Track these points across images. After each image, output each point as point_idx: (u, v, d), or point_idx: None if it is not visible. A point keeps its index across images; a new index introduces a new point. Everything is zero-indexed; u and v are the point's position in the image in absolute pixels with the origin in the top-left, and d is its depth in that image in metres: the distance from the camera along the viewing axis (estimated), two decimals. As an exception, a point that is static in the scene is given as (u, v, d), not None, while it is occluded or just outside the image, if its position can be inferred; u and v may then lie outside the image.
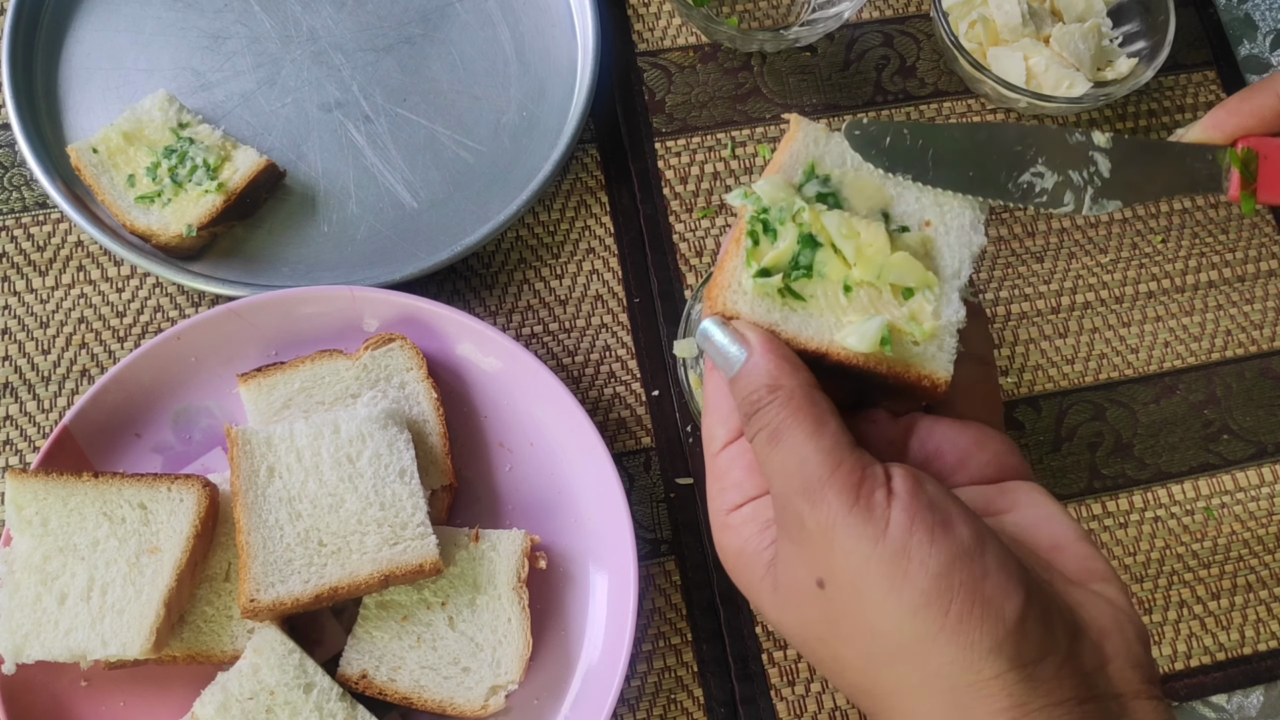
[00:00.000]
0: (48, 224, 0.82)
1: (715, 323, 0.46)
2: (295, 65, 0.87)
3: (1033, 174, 0.49)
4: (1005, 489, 0.47)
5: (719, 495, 0.47)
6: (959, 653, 0.38)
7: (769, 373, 0.43)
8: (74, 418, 0.70)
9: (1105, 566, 0.44)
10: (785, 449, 0.42)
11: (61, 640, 0.63)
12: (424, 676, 0.66)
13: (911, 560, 0.39)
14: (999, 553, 0.40)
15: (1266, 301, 0.86)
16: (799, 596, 0.42)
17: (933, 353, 0.47)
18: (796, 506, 0.41)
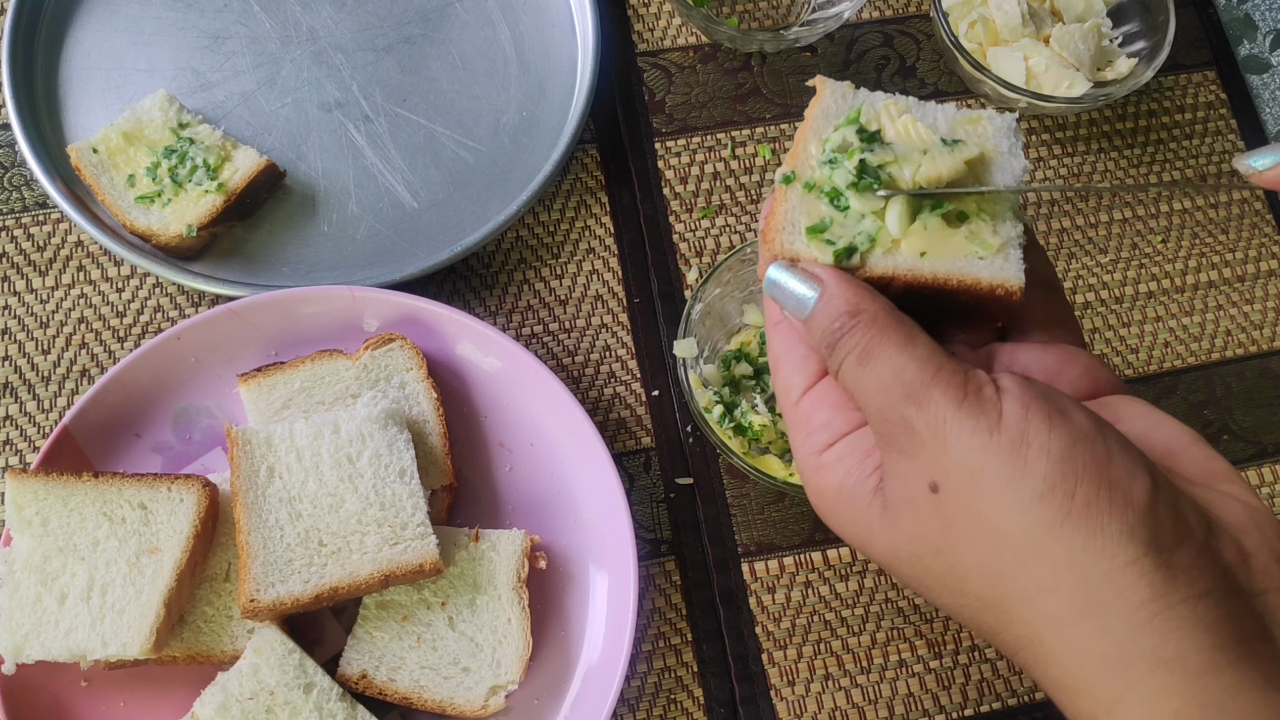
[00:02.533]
0: (48, 224, 0.82)
1: (782, 266, 0.45)
2: (295, 65, 0.87)
3: None
4: (1104, 403, 0.44)
5: (807, 440, 0.45)
6: (1089, 539, 0.36)
7: (847, 299, 0.42)
8: (74, 418, 0.70)
9: (1227, 467, 0.41)
10: (879, 364, 0.40)
11: (61, 640, 0.63)
12: (424, 676, 0.66)
13: (1030, 446, 0.37)
14: (1119, 438, 0.38)
15: (1266, 302, 0.86)
16: (912, 507, 0.40)
17: (1000, 264, 0.47)
18: (902, 413, 0.39)
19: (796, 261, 0.46)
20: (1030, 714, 0.74)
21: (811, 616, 0.75)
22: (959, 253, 0.47)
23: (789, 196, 0.48)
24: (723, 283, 0.76)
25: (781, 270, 0.45)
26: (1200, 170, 0.90)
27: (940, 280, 0.46)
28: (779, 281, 0.44)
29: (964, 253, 0.47)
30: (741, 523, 0.77)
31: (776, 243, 0.47)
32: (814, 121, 0.50)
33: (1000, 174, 0.49)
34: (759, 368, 0.78)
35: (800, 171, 0.49)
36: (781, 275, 0.44)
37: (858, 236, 0.46)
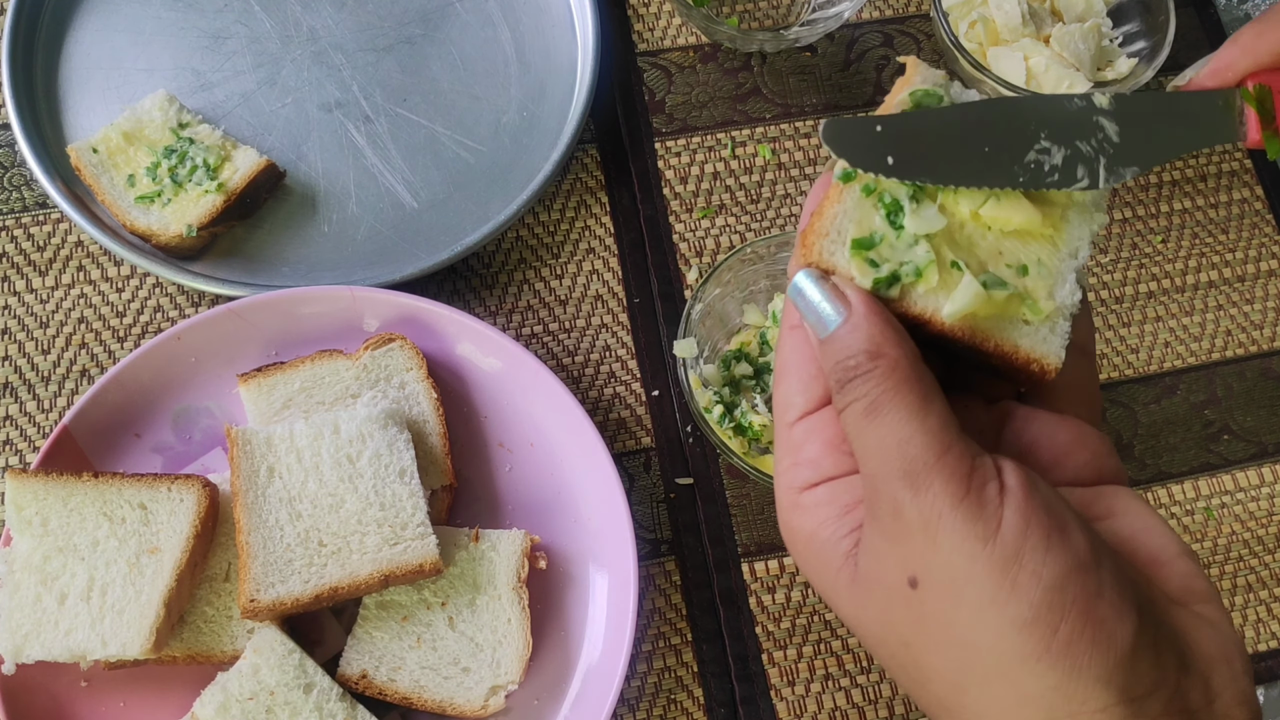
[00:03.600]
0: (48, 224, 0.82)
1: (811, 276, 0.41)
2: (295, 65, 0.87)
3: (1038, 151, 0.44)
4: (1101, 493, 0.42)
5: (791, 470, 0.42)
6: (1063, 679, 0.34)
7: (871, 338, 0.39)
8: (74, 418, 0.70)
9: (1208, 586, 0.40)
10: (885, 425, 0.37)
11: (61, 640, 0.63)
12: (424, 676, 0.66)
13: (1023, 568, 0.35)
14: (1114, 568, 0.36)
15: (1267, 301, 0.86)
16: (885, 595, 0.38)
17: (1044, 335, 0.43)
18: (894, 492, 0.37)
19: (830, 273, 0.42)
20: (1030, 714, 0.73)
21: (811, 616, 0.75)
22: (1005, 312, 0.43)
23: (843, 198, 0.43)
24: (723, 283, 0.76)
25: (810, 280, 0.41)
26: (1200, 170, 0.90)
27: (977, 340, 0.42)
28: (805, 291, 0.41)
29: (1011, 313, 0.43)
30: (741, 523, 0.77)
31: (815, 249, 0.42)
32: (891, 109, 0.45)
33: (1075, 221, 0.44)
34: (759, 368, 0.78)
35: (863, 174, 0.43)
36: (809, 285, 0.41)
37: (904, 267, 0.42)
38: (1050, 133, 0.44)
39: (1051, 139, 0.44)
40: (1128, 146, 0.44)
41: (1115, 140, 0.45)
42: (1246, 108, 0.46)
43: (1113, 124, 0.45)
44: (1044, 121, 0.44)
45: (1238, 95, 0.46)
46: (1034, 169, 0.44)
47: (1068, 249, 0.44)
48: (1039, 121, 0.44)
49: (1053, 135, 0.44)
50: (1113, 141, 0.45)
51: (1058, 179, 0.44)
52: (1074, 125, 0.44)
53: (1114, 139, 0.45)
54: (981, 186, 0.43)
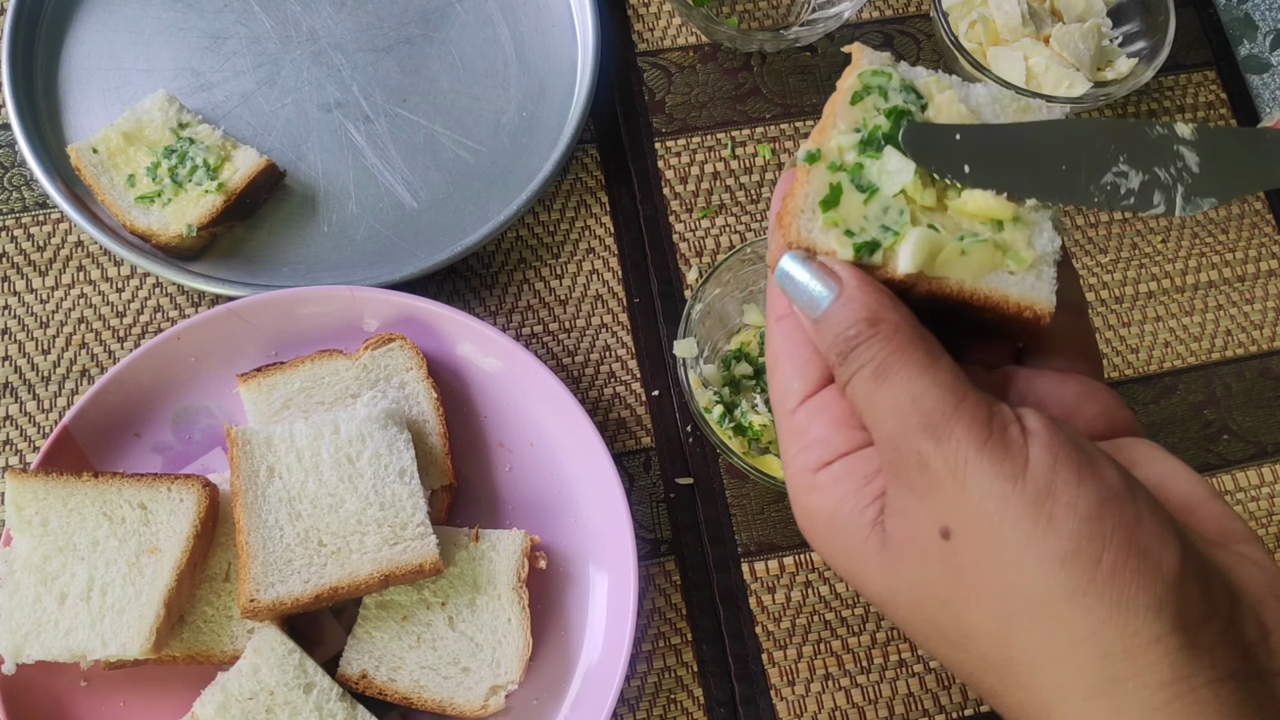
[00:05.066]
0: (48, 224, 0.82)
1: (796, 258, 0.41)
2: (295, 65, 0.87)
3: (1115, 174, 0.44)
4: (1119, 445, 0.41)
5: (800, 454, 0.41)
6: (1113, 610, 0.33)
7: (867, 306, 0.39)
8: (74, 418, 0.70)
9: (1244, 526, 0.39)
10: (897, 384, 0.37)
11: (61, 640, 0.63)
12: (424, 676, 0.66)
13: (1057, 501, 0.34)
14: (1149, 498, 0.35)
15: (1266, 301, 0.86)
16: (918, 551, 0.37)
17: (1032, 281, 0.43)
18: (916, 445, 0.36)
19: (813, 253, 0.42)
20: (1030, 714, 0.74)
21: (811, 616, 0.75)
22: (988, 265, 0.43)
23: (811, 178, 0.43)
24: (723, 283, 0.76)
25: (795, 261, 0.41)
26: (1200, 170, 0.90)
27: (965, 294, 0.42)
28: (792, 274, 0.41)
29: (994, 265, 0.43)
30: (741, 523, 0.77)
31: (793, 229, 0.42)
32: (845, 95, 0.45)
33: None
34: (759, 368, 0.78)
35: (826, 150, 0.44)
36: (795, 267, 0.41)
37: (882, 231, 0.42)
38: (1129, 157, 0.44)
39: (1130, 163, 0.44)
40: (1207, 177, 0.45)
41: (1195, 170, 0.45)
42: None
43: (1194, 154, 0.45)
44: (1124, 145, 0.44)
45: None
46: (1110, 190, 0.44)
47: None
48: (1119, 144, 0.44)
49: (1132, 159, 0.44)
50: (1192, 171, 0.45)
51: (1133, 203, 0.44)
52: (1154, 152, 0.44)
53: (1194, 169, 0.45)
54: (1056, 202, 0.44)
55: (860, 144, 0.44)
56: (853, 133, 0.44)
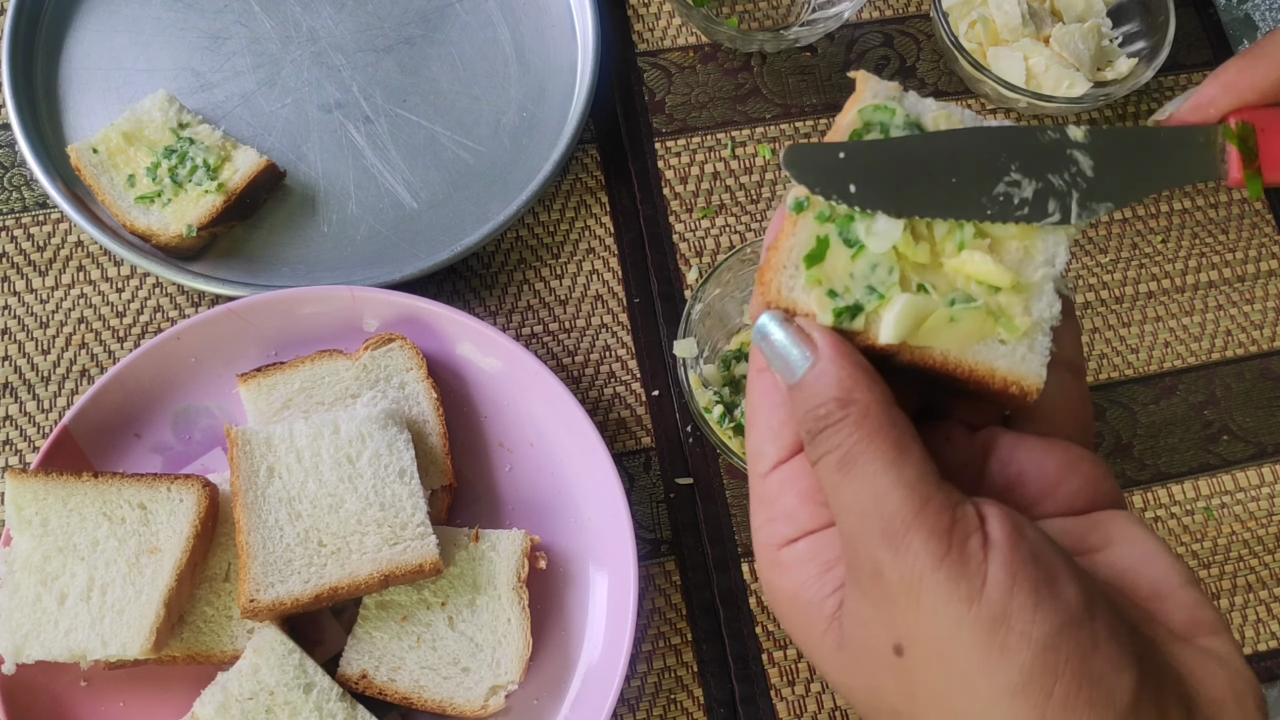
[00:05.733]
0: (48, 224, 0.82)
1: (774, 318, 0.39)
2: (295, 66, 0.87)
3: (1008, 184, 0.42)
4: (1097, 521, 0.40)
5: (767, 525, 0.40)
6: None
7: (840, 383, 0.37)
8: (74, 418, 0.70)
9: (1215, 616, 0.37)
10: (860, 479, 0.35)
11: (61, 640, 0.63)
12: (424, 676, 0.66)
13: (1012, 630, 0.33)
14: (1109, 617, 0.34)
15: (1266, 302, 0.86)
16: (872, 662, 0.36)
17: (1023, 354, 0.40)
18: (874, 553, 0.35)
19: (793, 314, 0.40)
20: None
21: (811, 616, 0.75)
22: (978, 333, 0.40)
23: (798, 229, 0.41)
24: (723, 283, 0.76)
25: (774, 323, 0.39)
26: (1200, 170, 0.90)
27: (949, 366, 0.40)
28: (769, 335, 0.39)
29: (984, 333, 0.40)
30: (741, 523, 0.77)
31: (773, 287, 0.40)
32: (844, 132, 0.42)
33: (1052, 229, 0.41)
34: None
35: (815, 198, 0.41)
36: (773, 328, 0.39)
37: (868, 293, 0.40)
38: (1021, 165, 0.42)
39: (1022, 171, 0.42)
40: (1102, 181, 0.43)
41: (1089, 175, 0.43)
42: (1228, 145, 0.44)
43: (1087, 158, 0.43)
44: (1015, 153, 0.42)
45: (1219, 132, 0.44)
46: (1002, 201, 0.42)
47: (1043, 256, 0.41)
48: (1010, 153, 0.42)
49: (1024, 168, 0.42)
50: (1086, 176, 0.43)
51: (1027, 213, 0.42)
52: (1046, 158, 0.42)
53: (1088, 173, 0.43)
54: (947, 218, 0.41)
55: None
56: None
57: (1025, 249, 0.41)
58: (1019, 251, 0.41)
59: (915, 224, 0.41)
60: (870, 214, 0.40)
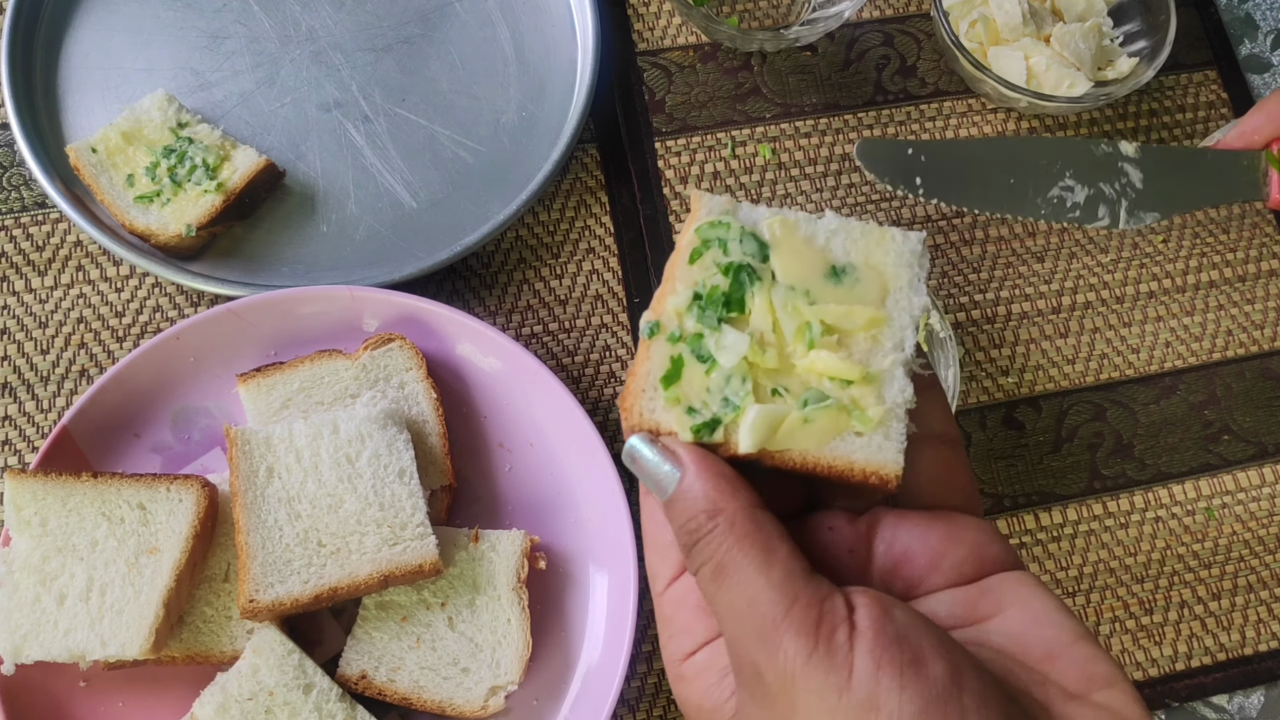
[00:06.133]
0: (46, 224, 0.82)
1: (641, 440, 0.40)
2: (294, 65, 0.87)
3: (1061, 188, 0.45)
4: (987, 587, 0.41)
5: (669, 642, 0.42)
6: None
7: (706, 495, 0.38)
8: (73, 418, 0.70)
9: (1110, 668, 0.38)
10: (732, 586, 0.37)
11: (60, 640, 0.62)
12: (423, 677, 0.66)
13: (880, 712, 0.34)
14: (978, 689, 0.35)
15: (1267, 302, 0.86)
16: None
17: (879, 443, 0.41)
18: (752, 655, 0.36)
19: (658, 434, 0.41)
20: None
21: (811, 617, 0.75)
22: (833, 429, 0.41)
23: (652, 352, 0.42)
24: (723, 283, 0.75)
25: (641, 444, 0.40)
26: (1201, 170, 0.90)
27: (809, 465, 0.40)
28: (638, 456, 0.40)
29: (839, 429, 0.41)
30: (741, 523, 0.77)
31: (634, 411, 0.41)
32: (684, 253, 0.43)
33: (898, 315, 0.42)
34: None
35: (665, 319, 0.42)
36: (641, 449, 0.40)
37: (724, 405, 0.41)
38: (1075, 172, 0.46)
39: (1076, 178, 0.46)
40: (1150, 193, 0.47)
41: (1139, 186, 0.47)
42: (1270, 169, 0.48)
43: (1137, 171, 0.47)
44: (1070, 161, 0.46)
45: (1262, 158, 0.48)
46: (1056, 204, 0.46)
47: (891, 343, 0.42)
48: (1065, 161, 0.46)
49: (1078, 175, 0.46)
50: (1135, 187, 0.47)
51: (1079, 215, 0.46)
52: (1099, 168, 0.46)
53: (1137, 185, 0.47)
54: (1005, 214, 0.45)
55: (700, 308, 0.42)
56: (692, 297, 0.42)
57: (874, 338, 0.42)
58: (867, 342, 0.42)
59: (762, 334, 0.42)
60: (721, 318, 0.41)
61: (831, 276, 0.43)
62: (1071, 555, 0.78)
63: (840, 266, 0.43)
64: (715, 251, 0.42)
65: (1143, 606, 0.77)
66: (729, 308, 0.42)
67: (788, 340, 0.42)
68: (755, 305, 0.42)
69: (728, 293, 0.42)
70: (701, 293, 0.42)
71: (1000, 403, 0.82)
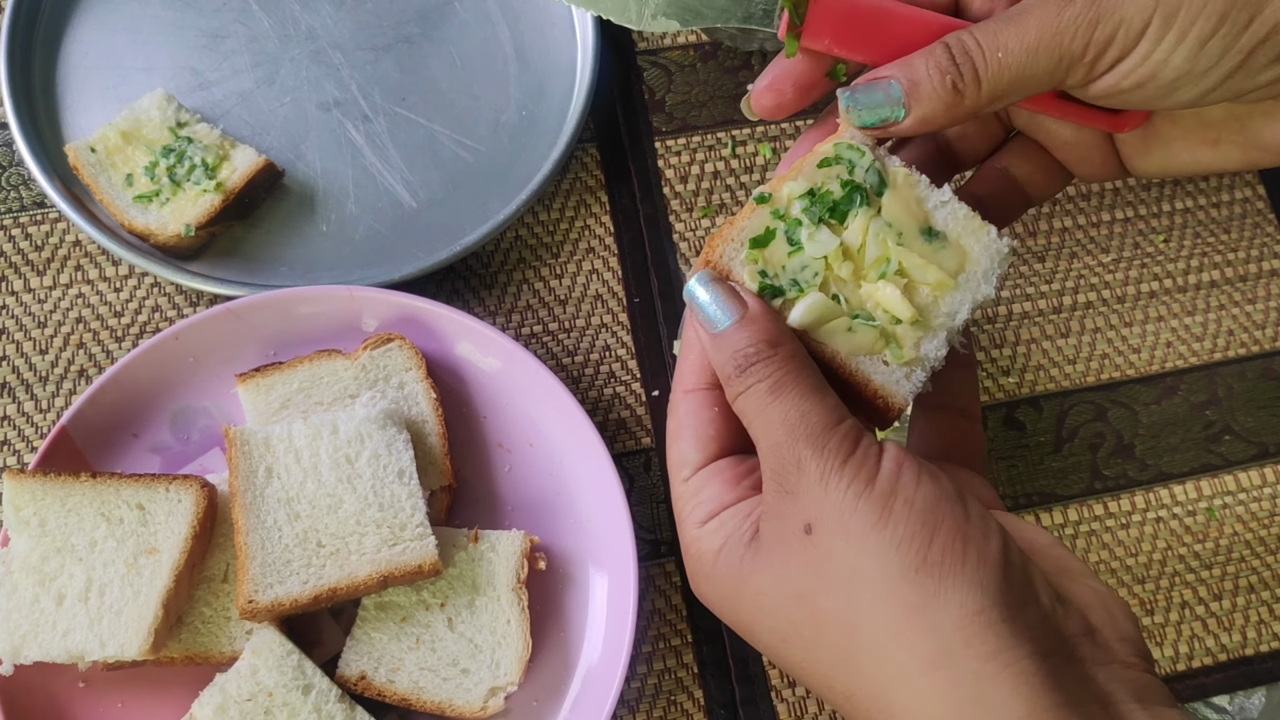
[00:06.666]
0: (45, 223, 0.82)
1: (708, 276, 0.46)
2: (294, 64, 0.87)
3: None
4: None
5: (694, 510, 0.46)
6: (940, 584, 0.38)
7: (769, 330, 0.44)
8: (72, 418, 0.70)
9: (1083, 567, 0.44)
10: (790, 401, 0.42)
11: (59, 641, 0.62)
12: (423, 678, 0.66)
13: (898, 498, 0.40)
14: (980, 506, 0.41)
15: (1269, 301, 0.86)
16: (784, 548, 0.41)
17: (899, 378, 0.47)
18: (799, 451, 0.41)
19: (726, 278, 0.46)
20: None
21: (812, 617, 0.75)
22: (868, 348, 0.47)
23: (754, 216, 0.48)
24: (723, 283, 0.75)
25: (707, 280, 0.45)
26: (1202, 169, 0.90)
27: (835, 363, 0.46)
28: (702, 288, 0.45)
29: (873, 350, 0.47)
30: (742, 523, 0.77)
31: (718, 251, 0.47)
32: (816, 156, 0.48)
33: (964, 290, 0.48)
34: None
35: (776, 197, 0.48)
36: (706, 284, 0.45)
37: (791, 284, 0.47)
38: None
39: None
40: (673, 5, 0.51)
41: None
42: (784, 8, 0.50)
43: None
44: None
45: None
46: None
47: (947, 309, 0.48)
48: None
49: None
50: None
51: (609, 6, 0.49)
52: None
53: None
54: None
55: (809, 202, 0.47)
56: (806, 191, 0.47)
57: (935, 298, 0.48)
58: (929, 297, 0.48)
59: (848, 248, 0.47)
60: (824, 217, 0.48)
61: (925, 234, 0.48)
62: (1072, 556, 0.78)
63: (936, 230, 0.48)
64: (842, 168, 0.48)
65: (1144, 607, 0.77)
66: (832, 214, 0.47)
67: (866, 263, 0.47)
68: (854, 223, 0.47)
69: (838, 202, 0.47)
70: (816, 191, 0.47)
71: (1001, 403, 0.82)
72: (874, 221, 0.47)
